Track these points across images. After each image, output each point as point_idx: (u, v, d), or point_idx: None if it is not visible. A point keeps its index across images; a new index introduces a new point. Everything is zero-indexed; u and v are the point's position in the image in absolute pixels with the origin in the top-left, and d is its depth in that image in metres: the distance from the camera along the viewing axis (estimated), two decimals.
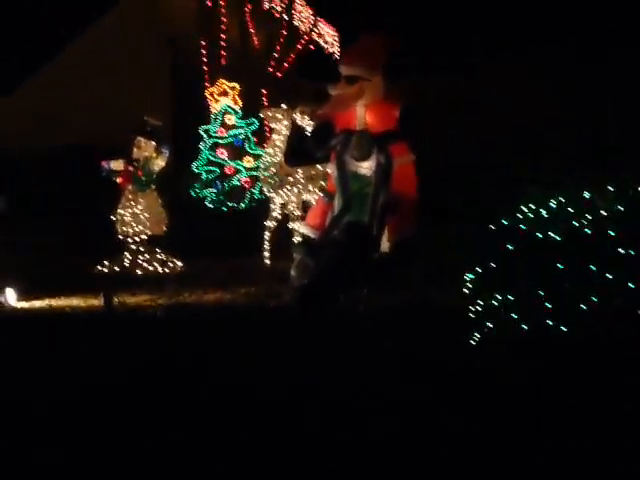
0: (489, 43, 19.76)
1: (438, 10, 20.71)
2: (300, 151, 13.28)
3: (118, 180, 16.08)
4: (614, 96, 18.19)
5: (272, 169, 13.17)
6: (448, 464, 4.21)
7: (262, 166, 13.39)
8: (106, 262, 12.87)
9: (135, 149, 16.16)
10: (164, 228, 13.51)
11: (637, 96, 17.28)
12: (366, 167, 9.16)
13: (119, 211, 15.96)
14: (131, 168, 16.19)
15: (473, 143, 16.88)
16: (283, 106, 13.09)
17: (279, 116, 13.09)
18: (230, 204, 16.35)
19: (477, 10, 20.62)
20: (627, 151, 10.09)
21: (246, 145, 16.43)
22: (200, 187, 16.50)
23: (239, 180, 16.43)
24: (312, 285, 8.38)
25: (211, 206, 16.41)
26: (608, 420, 4.66)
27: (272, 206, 13.25)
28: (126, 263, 12.90)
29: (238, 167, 16.45)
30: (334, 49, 20.62)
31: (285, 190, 13.16)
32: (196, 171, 16.50)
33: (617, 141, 15.10)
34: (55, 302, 9.54)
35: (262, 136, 16.48)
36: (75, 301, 9.59)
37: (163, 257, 12.88)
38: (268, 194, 13.25)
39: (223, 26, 15.93)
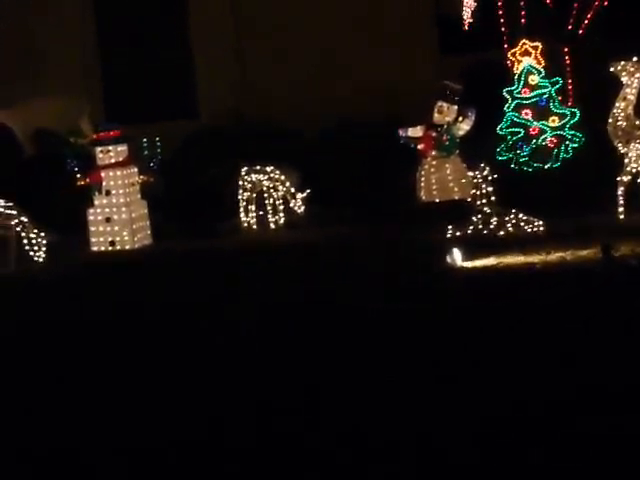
0: None
1: None
2: None
3: (419, 147, 16.15)
4: None
5: (623, 123, 13.14)
6: None
7: (611, 120, 13.35)
8: (450, 227, 13.06)
9: (436, 114, 16.21)
10: (471, 192, 13.61)
11: None
12: None
13: (422, 177, 16.08)
14: (433, 134, 16.24)
15: None
16: (634, 59, 13.03)
17: (631, 69, 13.03)
18: (535, 165, 16.27)
19: None
20: None
21: (550, 104, 16.28)
22: (505, 149, 16.46)
23: (545, 140, 16.32)
24: None
25: (516, 168, 16.36)
26: None
27: (626, 160, 13.21)
28: (480, 226, 13.04)
29: (543, 127, 16.33)
30: None
31: (636, 143, 13.12)
32: (500, 133, 16.46)
33: None
34: (503, 260, 9.67)
35: (565, 95, 16.34)
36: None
37: (522, 216, 12.95)
38: (621, 149, 13.22)
39: None
